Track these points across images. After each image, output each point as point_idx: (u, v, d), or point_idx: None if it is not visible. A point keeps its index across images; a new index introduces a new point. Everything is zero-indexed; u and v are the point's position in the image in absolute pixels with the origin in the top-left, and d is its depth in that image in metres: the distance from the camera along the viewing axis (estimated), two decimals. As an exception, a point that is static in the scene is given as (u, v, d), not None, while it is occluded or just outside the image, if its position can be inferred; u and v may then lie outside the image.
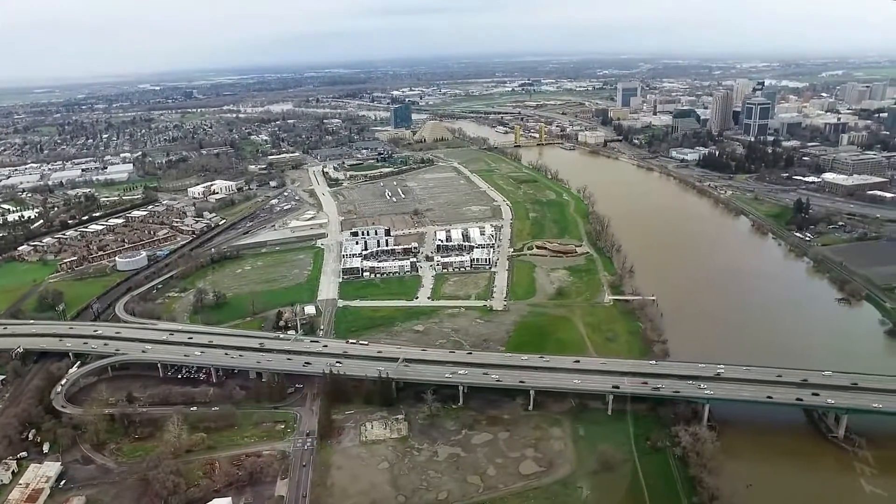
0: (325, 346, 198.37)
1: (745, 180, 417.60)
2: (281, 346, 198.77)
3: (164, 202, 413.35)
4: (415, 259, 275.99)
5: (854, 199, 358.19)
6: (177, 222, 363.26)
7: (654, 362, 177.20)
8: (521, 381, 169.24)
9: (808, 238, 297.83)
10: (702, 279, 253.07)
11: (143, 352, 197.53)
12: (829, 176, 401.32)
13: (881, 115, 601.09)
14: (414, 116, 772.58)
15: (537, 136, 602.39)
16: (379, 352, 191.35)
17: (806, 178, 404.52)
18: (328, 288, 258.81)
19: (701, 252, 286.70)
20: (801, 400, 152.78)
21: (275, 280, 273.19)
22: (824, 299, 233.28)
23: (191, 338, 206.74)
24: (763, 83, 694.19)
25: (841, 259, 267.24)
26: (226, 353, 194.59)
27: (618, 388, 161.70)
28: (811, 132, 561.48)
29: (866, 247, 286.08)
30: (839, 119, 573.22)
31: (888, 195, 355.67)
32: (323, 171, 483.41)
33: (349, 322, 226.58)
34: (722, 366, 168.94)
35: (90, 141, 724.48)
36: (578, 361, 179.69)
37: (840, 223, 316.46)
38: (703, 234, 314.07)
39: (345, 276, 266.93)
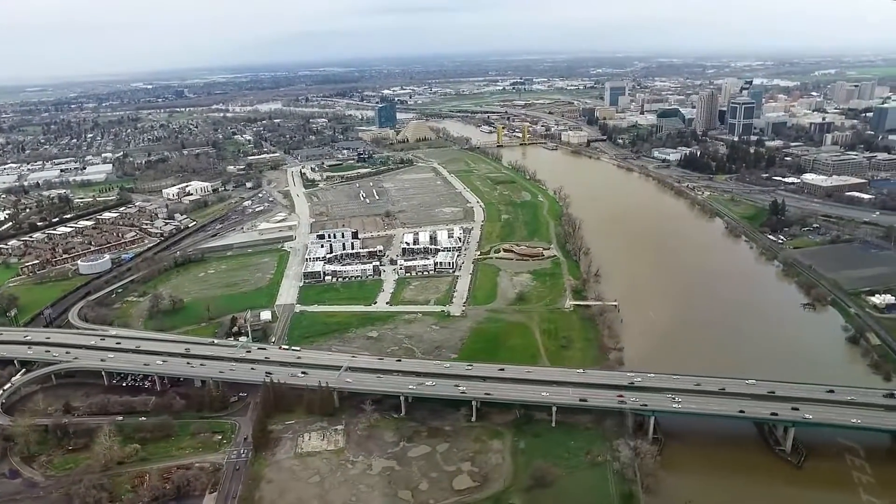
0: (267, 356, 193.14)
1: (724, 181, 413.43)
2: (230, 353, 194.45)
3: (138, 204, 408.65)
4: (378, 263, 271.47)
5: (832, 201, 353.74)
6: (146, 224, 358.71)
7: (606, 371, 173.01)
8: (462, 392, 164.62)
9: (780, 241, 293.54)
10: (668, 283, 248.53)
11: (91, 359, 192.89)
12: (808, 177, 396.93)
13: (868, 114, 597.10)
14: (401, 116, 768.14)
15: (521, 135, 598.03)
16: (321, 360, 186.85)
17: (785, 179, 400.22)
18: (288, 292, 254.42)
19: (671, 255, 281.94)
20: (743, 412, 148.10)
21: (236, 284, 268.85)
22: (790, 304, 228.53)
23: (139, 345, 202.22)
24: (751, 82, 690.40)
25: (811, 262, 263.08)
26: (163, 361, 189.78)
27: (558, 399, 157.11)
28: (797, 132, 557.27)
29: (838, 250, 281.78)
30: (824, 119, 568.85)
31: (865, 196, 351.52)
32: (301, 171, 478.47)
33: (304, 328, 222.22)
34: (677, 375, 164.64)
35: (74, 141, 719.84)
36: (531, 372, 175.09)
37: (815, 225, 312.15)
38: (675, 236, 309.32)
39: (306, 281, 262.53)
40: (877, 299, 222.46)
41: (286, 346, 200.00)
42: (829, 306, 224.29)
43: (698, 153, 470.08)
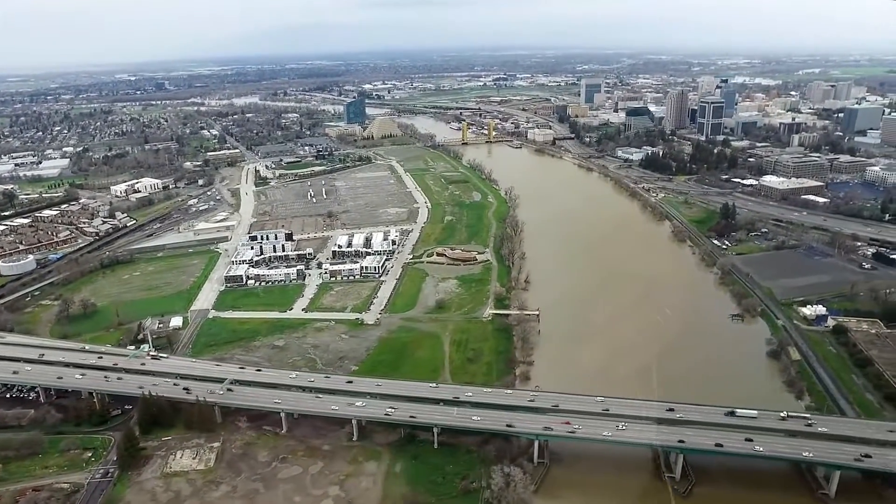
0: (158, 367, 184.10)
1: (684, 181, 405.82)
2: (125, 363, 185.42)
3: (82, 201, 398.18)
4: (303, 267, 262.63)
5: (787, 204, 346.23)
6: (84, 223, 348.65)
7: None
8: (336, 410, 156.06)
9: (724, 246, 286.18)
10: (599, 291, 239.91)
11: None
12: (767, 179, 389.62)
13: (840, 115, 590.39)
14: (375, 111, 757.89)
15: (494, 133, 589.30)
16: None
17: (744, 181, 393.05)
18: (207, 297, 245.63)
19: (610, 260, 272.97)
20: (630, 436, 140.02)
21: (158, 287, 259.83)
22: (718, 315, 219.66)
23: (42, 354, 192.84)
24: (726, 80, 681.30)
25: (749, 270, 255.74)
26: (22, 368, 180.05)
27: (440, 419, 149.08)
28: (766, 132, 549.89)
29: (781, 256, 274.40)
30: (794, 119, 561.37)
31: (821, 200, 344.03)
32: (256, 169, 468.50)
33: (211, 336, 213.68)
34: (578, 395, 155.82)
35: (39, 134, 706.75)
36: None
37: (763, 230, 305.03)
38: (619, 240, 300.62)
39: (228, 285, 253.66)
40: (807, 310, 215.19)
41: (182, 357, 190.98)
42: (758, 318, 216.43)
43: (661, 153, 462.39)
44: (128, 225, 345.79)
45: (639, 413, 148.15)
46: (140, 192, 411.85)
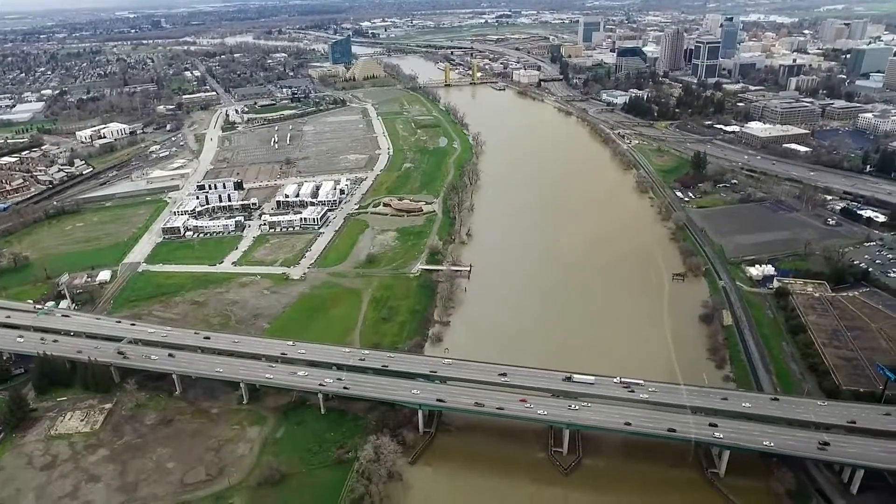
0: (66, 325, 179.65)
1: (664, 127, 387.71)
2: (36, 322, 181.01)
3: (45, 147, 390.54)
4: (242, 218, 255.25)
5: (767, 153, 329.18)
6: (41, 171, 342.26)
7: (392, 355, 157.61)
8: (220, 372, 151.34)
9: (686, 199, 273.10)
10: (542, 247, 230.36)
11: None
12: (752, 126, 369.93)
13: (848, 56, 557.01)
14: (365, 50, 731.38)
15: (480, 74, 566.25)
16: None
17: (726, 128, 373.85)
18: (143, 249, 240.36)
19: (563, 213, 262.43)
20: (502, 409, 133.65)
21: (97, 239, 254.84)
22: (660, 275, 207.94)
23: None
24: (731, 18, 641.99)
25: (705, 225, 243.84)
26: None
27: (322, 385, 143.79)
28: (766, 74, 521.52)
29: (745, 210, 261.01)
30: (795, 61, 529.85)
31: (802, 149, 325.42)
32: (227, 113, 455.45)
33: (136, 290, 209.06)
34: (479, 363, 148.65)
35: (22, 75, 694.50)
36: (305, 352, 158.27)
37: (733, 181, 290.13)
38: (578, 191, 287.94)
39: (165, 237, 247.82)
40: (755, 270, 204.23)
41: (93, 315, 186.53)
42: (701, 277, 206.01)
43: (645, 97, 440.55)
44: (83, 173, 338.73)
45: (536, 384, 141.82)
46: (105, 137, 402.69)
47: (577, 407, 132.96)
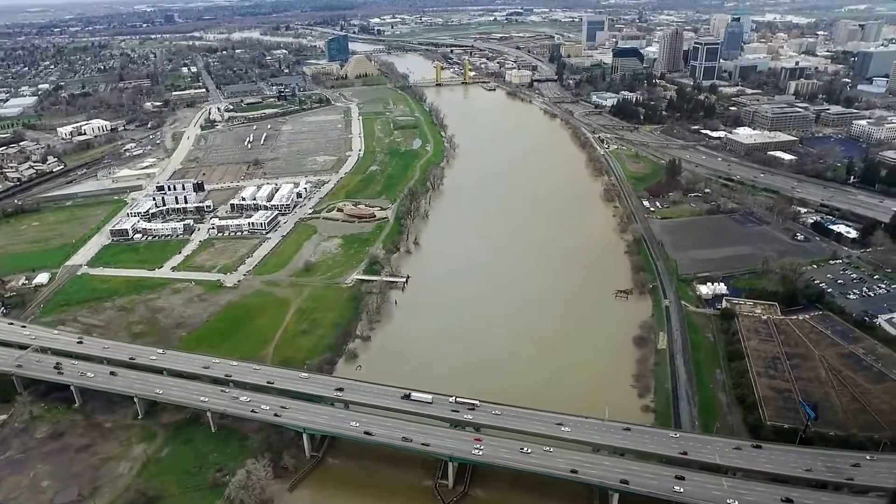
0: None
1: (649, 131, 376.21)
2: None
3: (23, 143, 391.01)
4: (192, 221, 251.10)
5: (750, 161, 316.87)
6: (12, 168, 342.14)
7: (303, 375, 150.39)
8: (112, 387, 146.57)
9: (652, 209, 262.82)
10: (488, 259, 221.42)
11: None
12: (739, 132, 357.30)
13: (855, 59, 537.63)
14: (367, 48, 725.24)
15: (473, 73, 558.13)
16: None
17: (712, 133, 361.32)
18: (88, 251, 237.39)
19: (519, 223, 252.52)
20: (371, 434, 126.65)
21: (47, 240, 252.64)
22: (603, 292, 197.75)
23: None
24: (738, 18, 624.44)
25: (664, 238, 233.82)
26: None
27: (204, 401, 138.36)
28: (767, 77, 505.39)
29: (710, 222, 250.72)
30: (797, 63, 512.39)
31: (786, 157, 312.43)
32: (209, 111, 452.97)
33: (69, 294, 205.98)
34: (389, 386, 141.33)
35: (25, 69, 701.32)
36: (208, 367, 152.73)
37: (706, 190, 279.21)
38: (542, 199, 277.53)
39: (113, 238, 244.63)
40: (706, 288, 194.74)
41: (16, 320, 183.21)
42: (647, 295, 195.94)
43: (634, 99, 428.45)
44: (54, 170, 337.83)
45: (431, 412, 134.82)
46: (85, 134, 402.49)
47: (472, 440, 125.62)
